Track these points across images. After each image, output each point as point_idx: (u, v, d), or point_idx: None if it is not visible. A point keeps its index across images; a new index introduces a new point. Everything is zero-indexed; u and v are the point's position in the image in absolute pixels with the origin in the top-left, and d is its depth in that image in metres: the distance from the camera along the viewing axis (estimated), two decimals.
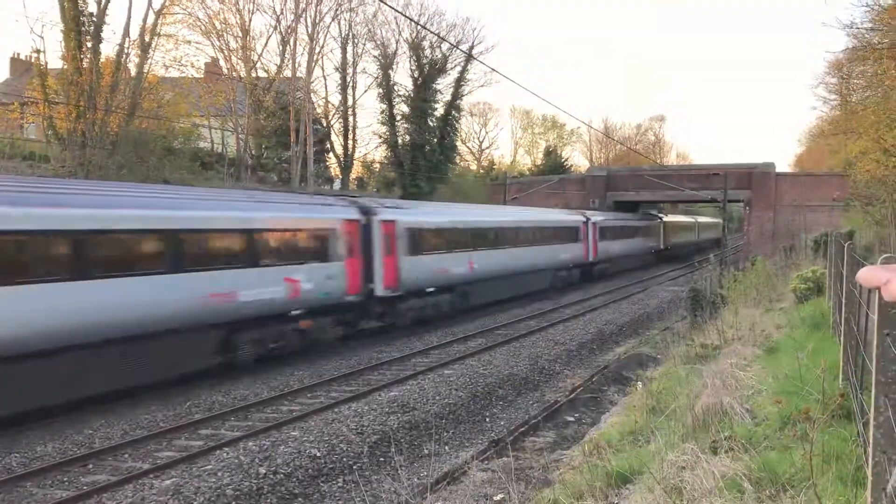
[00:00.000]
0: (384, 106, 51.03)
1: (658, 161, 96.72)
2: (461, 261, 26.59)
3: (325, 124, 50.72)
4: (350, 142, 52.04)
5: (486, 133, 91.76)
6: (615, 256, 44.51)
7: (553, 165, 76.53)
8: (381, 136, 52.09)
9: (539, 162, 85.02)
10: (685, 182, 53.03)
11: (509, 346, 22.34)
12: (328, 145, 51.64)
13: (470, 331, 24.95)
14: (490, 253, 28.76)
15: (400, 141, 50.94)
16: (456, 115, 54.42)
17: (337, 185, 51.07)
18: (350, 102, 51.71)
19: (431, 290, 24.88)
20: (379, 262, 21.91)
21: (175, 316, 15.37)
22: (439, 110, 52.24)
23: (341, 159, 52.28)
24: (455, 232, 26.77)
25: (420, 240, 24.19)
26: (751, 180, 51.59)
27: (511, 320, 27.29)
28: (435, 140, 51.50)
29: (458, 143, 63.54)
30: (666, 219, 59.86)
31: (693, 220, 72.16)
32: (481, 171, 80.00)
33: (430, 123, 51.42)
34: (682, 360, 13.62)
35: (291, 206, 19.55)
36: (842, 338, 8.31)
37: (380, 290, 21.93)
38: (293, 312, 18.73)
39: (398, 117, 51.14)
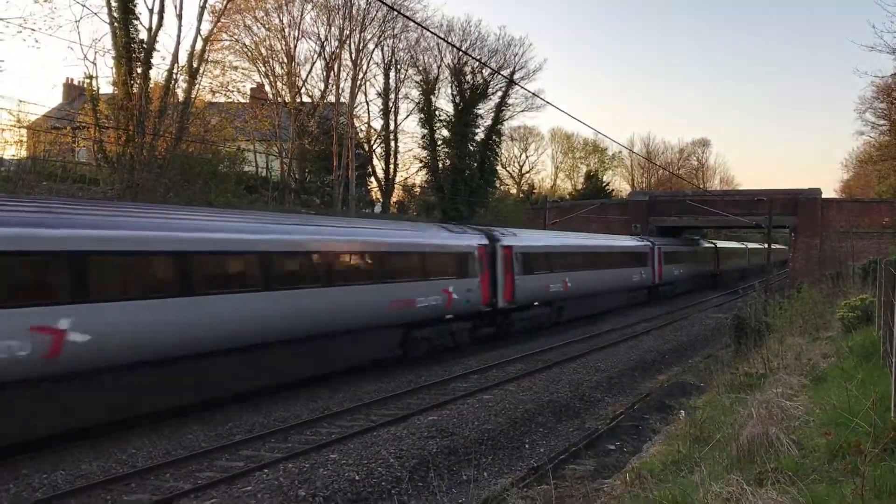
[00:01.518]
0: (425, 131, 51.43)
1: (701, 186, 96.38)
2: (559, 280, 31.28)
3: (367, 149, 51.19)
4: (391, 166, 52.50)
5: (527, 157, 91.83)
6: (676, 280, 49.54)
7: (594, 190, 76.39)
8: (421, 161, 52.50)
9: (580, 186, 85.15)
10: (729, 208, 53.00)
11: (549, 371, 22.18)
12: (370, 169, 52.07)
13: (509, 355, 24.86)
14: (581, 274, 33.29)
15: (440, 165, 51.13)
16: (496, 139, 54.52)
17: (377, 208, 51.41)
18: (392, 127, 52.29)
19: (536, 304, 29.55)
20: (501, 280, 26.73)
21: (379, 315, 20.02)
22: (480, 135, 52.42)
23: (382, 183, 52.67)
24: (556, 256, 31.54)
25: (530, 262, 28.88)
26: (796, 206, 51.22)
27: (550, 346, 27.11)
28: (475, 164, 51.60)
29: (499, 168, 63.55)
30: (719, 244, 62.44)
31: (743, 246, 73.50)
32: (521, 195, 79.71)
33: (471, 148, 51.56)
34: (726, 389, 13.37)
35: (445, 234, 24.84)
36: (893, 368, 8.09)
37: (501, 302, 26.75)
38: (447, 317, 23.52)
39: (439, 142, 51.45)
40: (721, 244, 64.09)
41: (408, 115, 54.22)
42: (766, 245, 62.36)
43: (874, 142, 63.37)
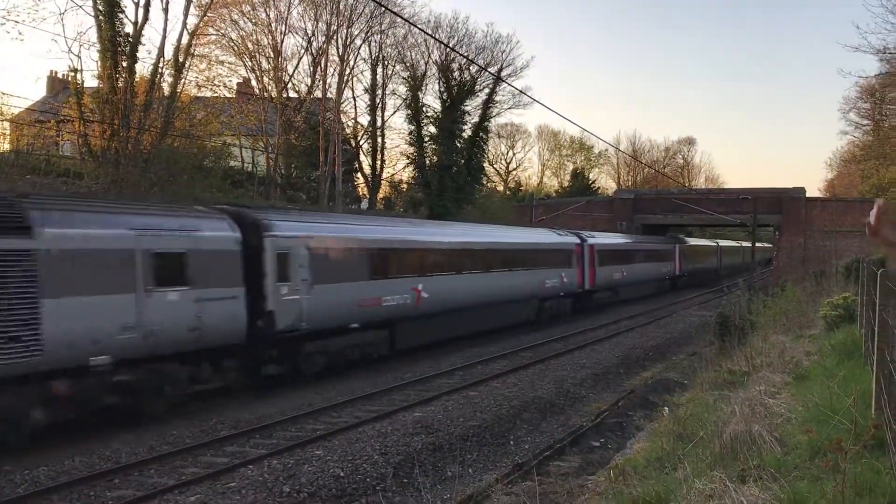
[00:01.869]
0: (412, 127, 51.20)
1: (687, 185, 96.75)
2: (619, 271, 41.80)
3: (353, 144, 50.99)
4: (378, 162, 52.35)
5: (514, 155, 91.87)
6: (692, 272, 57.55)
7: (580, 187, 76.11)
8: (408, 157, 52.17)
9: (566, 184, 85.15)
10: (714, 206, 53.40)
11: (534, 368, 22.27)
12: (356, 165, 51.89)
13: (495, 352, 24.96)
14: (632, 266, 44.27)
15: (427, 162, 50.78)
16: (484, 136, 54.19)
17: (364, 204, 51.33)
18: (379, 123, 52.10)
19: (607, 289, 40.21)
20: (586, 270, 36.93)
21: (524, 292, 30.75)
22: (467, 132, 52.29)
23: (369, 179, 52.59)
24: (618, 253, 42.47)
25: (605, 257, 39.51)
26: (781, 205, 51.30)
27: (535, 343, 27.18)
28: (462, 161, 51.20)
29: (486, 165, 63.32)
30: (686, 242, 59.24)
31: (714, 244, 69.86)
32: (508, 192, 79.38)
33: (458, 145, 51.29)
34: (709, 386, 13.45)
35: (556, 236, 35.74)
36: (875, 366, 8.17)
37: (587, 286, 37.05)
38: (560, 294, 34.21)
39: (426, 138, 51.15)
40: (688, 241, 60.75)
41: (395, 111, 53.89)
42: (743, 244, 63.35)
43: (858, 141, 63.87)
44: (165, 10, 32.35)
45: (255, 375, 18.36)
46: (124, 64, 29.49)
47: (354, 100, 51.72)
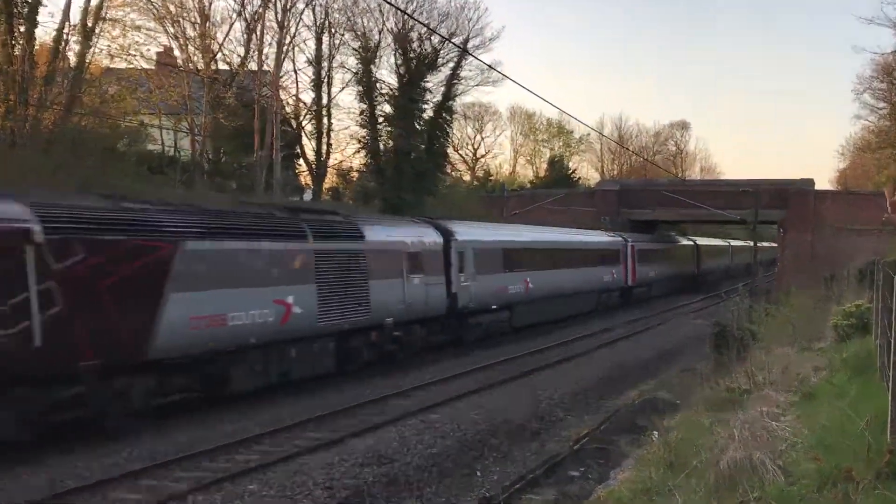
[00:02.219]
0: (364, 106, 50.30)
1: (680, 175, 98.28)
2: (653, 269, 51.84)
3: (294, 126, 50.62)
4: (323, 146, 51.97)
5: (482, 139, 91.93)
6: (714, 270, 69.19)
7: (558, 177, 76.89)
8: (359, 141, 51.16)
9: (542, 173, 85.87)
10: (710, 200, 54.20)
11: (506, 386, 22.38)
12: (298, 150, 51.49)
13: (467, 366, 25.27)
14: (663, 264, 54.49)
15: (382, 146, 50.07)
16: (448, 117, 53.80)
17: (308, 196, 51.00)
18: (324, 101, 51.73)
19: (648, 283, 51.08)
20: (630, 268, 46.97)
21: (585, 287, 40.14)
22: (428, 112, 51.74)
23: (313, 166, 52.17)
24: (653, 252, 52.69)
25: (646, 255, 50.38)
26: (786, 199, 51.95)
27: (506, 357, 27.34)
28: (422, 146, 50.61)
29: (450, 150, 63.22)
30: (700, 242, 68.11)
31: (727, 243, 78.32)
32: (476, 182, 79.90)
33: (418, 127, 50.68)
34: (704, 407, 13.63)
35: (608, 237, 46.63)
36: (891, 383, 8.32)
37: (630, 282, 47.36)
38: (611, 289, 44.53)
39: (380, 119, 50.38)
40: (702, 241, 69.50)
41: (343, 88, 53.72)
42: (733, 244, 68.57)
43: (873, 127, 64.93)
44: None
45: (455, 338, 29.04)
46: (21, 29, 28.99)
47: (296, 73, 51.19)
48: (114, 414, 15.78)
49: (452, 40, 49.68)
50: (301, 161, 52.47)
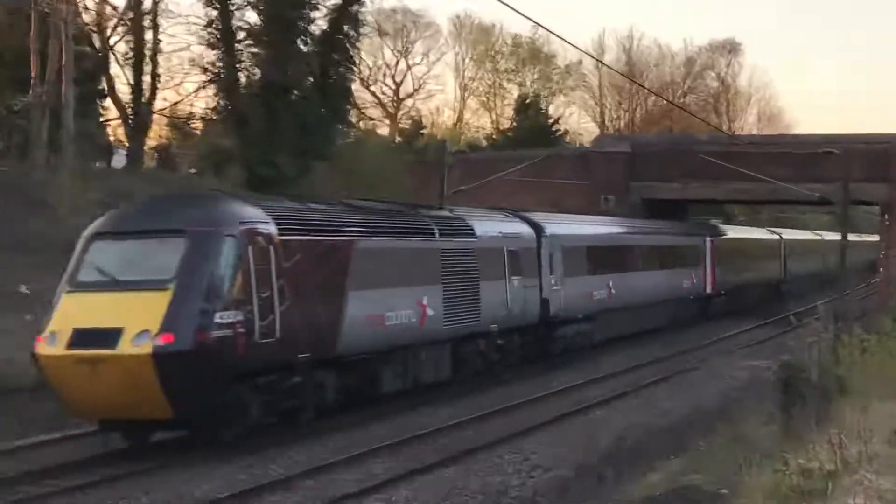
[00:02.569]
0: (213, 13, 32.32)
1: (726, 128, 66.08)
2: (733, 272, 40.63)
3: (99, 46, 34.07)
4: (146, 79, 34.25)
5: (409, 69, 63.65)
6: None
7: (532, 131, 52.04)
8: (205, 71, 33.38)
9: (506, 125, 60.04)
10: (772, 167, 36.98)
11: (438, 474, 14.21)
12: (105, 85, 34.65)
13: (378, 439, 16.21)
14: (745, 264, 42.86)
15: (243, 79, 32.70)
16: (352, 33, 34.93)
17: (121, 160, 35.87)
18: (147, 5, 34.19)
19: (728, 291, 40.12)
20: (709, 271, 37.99)
21: (664, 295, 33.59)
22: (320, 23, 33.70)
23: (128, 111, 34.93)
24: (738, 250, 42.19)
25: (726, 254, 39.66)
26: (890, 164, 36.28)
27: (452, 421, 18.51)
28: (310, 80, 32.89)
29: (356, 87, 44.55)
30: (787, 236, 51.82)
31: (820, 238, 58.96)
32: (399, 137, 55.65)
33: (302, 48, 33.31)
34: (766, 499, 10.88)
35: (686, 231, 39.00)
36: None
37: (709, 289, 38.18)
38: (689, 297, 36.53)
39: (240, 35, 32.79)
40: (790, 236, 53.15)
41: None
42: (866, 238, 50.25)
43: None
44: None
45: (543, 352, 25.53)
46: None
47: None
48: (311, 406, 16.77)
49: None
50: (109, 103, 35.57)
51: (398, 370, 19.15)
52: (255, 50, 33.31)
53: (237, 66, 33.14)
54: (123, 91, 35.20)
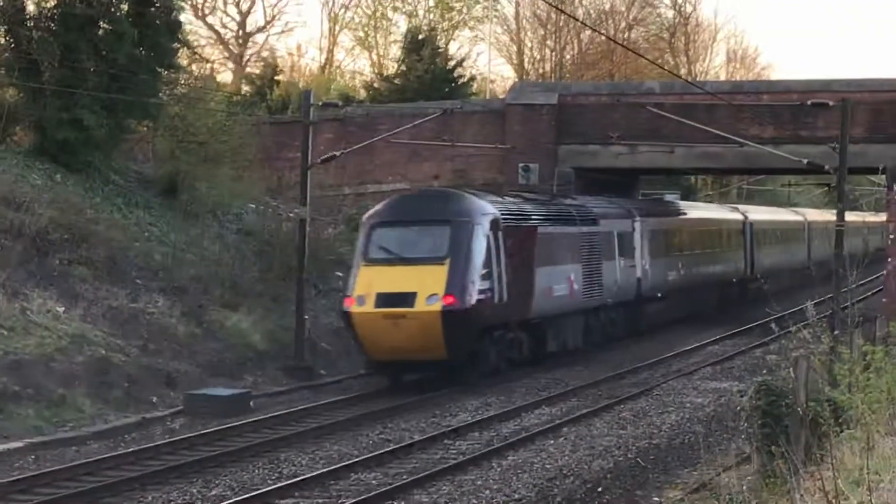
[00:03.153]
0: None
1: (683, 73, 52.48)
2: (769, 253, 42.28)
3: None
4: None
5: None
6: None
7: (427, 79, 39.43)
8: None
9: (392, 68, 46.30)
10: (746, 124, 28.81)
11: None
12: None
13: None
14: (778, 246, 44.67)
15: (31, 8, 25.15)
16: None
17: None
18: None
19: (765, 274, 37.62)
20: (748, 252, 39.09)
21: (715, 277, 36.02)
22: None
23: None
24: (771, 230, 43.97)
25: (761, 234, 41.86)
26: None
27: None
28: (125, 7, 25.23)
29: (186, 18, 36.15)
30: (811, 216, 47.95)
31: (800, 217, 50.62)
32: (247, 86, 43.10)
33: None
34: None
35: (729, 211, 40.97)
36: None
37: (749, 271, 39.04)
38: (731, 280, 38.27)
39: None
40: (813, 215, 49.15)
41: None
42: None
43: None
44: None
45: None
46: None
47: None
48: (507, 361, 22.27)
49: None
50: None
51: (556, 335, 24.28)
52: None
53: None
54: None
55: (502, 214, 21.76)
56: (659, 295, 30.06)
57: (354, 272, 20.42)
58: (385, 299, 19.66)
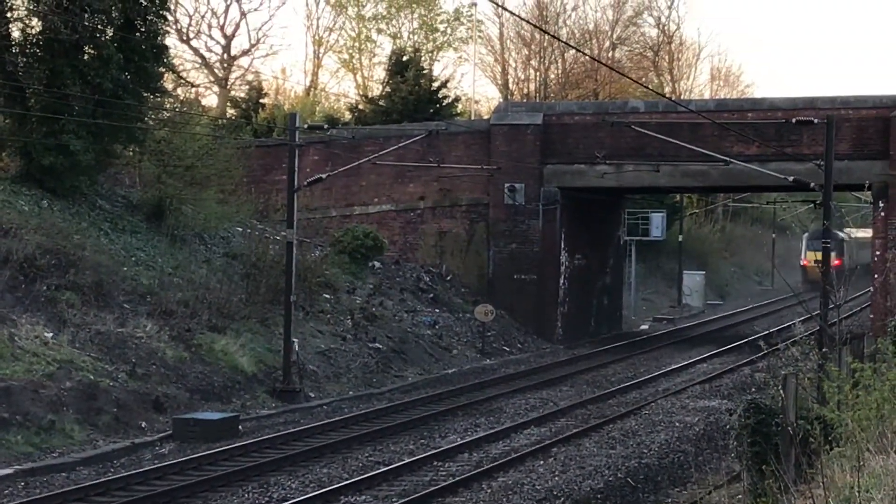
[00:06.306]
0: None
1: (671, 92, 54.84)
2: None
3: None
4: None
5: (244, 15, 48.45)
6: None
7: (411, 99, 40.23)
8: None
9: (377, 89, 47.31)
10: (730, 142, 29.58)
11: None
12: None
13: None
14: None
15: (17, 33, 24.83)
16: None
17: None
18: None
19: None
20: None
21: None
22: None
23: None
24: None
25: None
26: (889, 134, 28.68)
27: None
28: (110, 32, 24.67)
29: (171, 42, 34.12)
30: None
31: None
32: (232, 109, 44.02)
33: None
34: None
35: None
36: None
37: None
38: None
39: None
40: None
41: None
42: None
43: None
44: None
45: None
46: None
47: None
48: None
49: None
50: None
51: None
52: None
53: (8, 14, 24.62)
54: None
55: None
56: None
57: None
58: None
